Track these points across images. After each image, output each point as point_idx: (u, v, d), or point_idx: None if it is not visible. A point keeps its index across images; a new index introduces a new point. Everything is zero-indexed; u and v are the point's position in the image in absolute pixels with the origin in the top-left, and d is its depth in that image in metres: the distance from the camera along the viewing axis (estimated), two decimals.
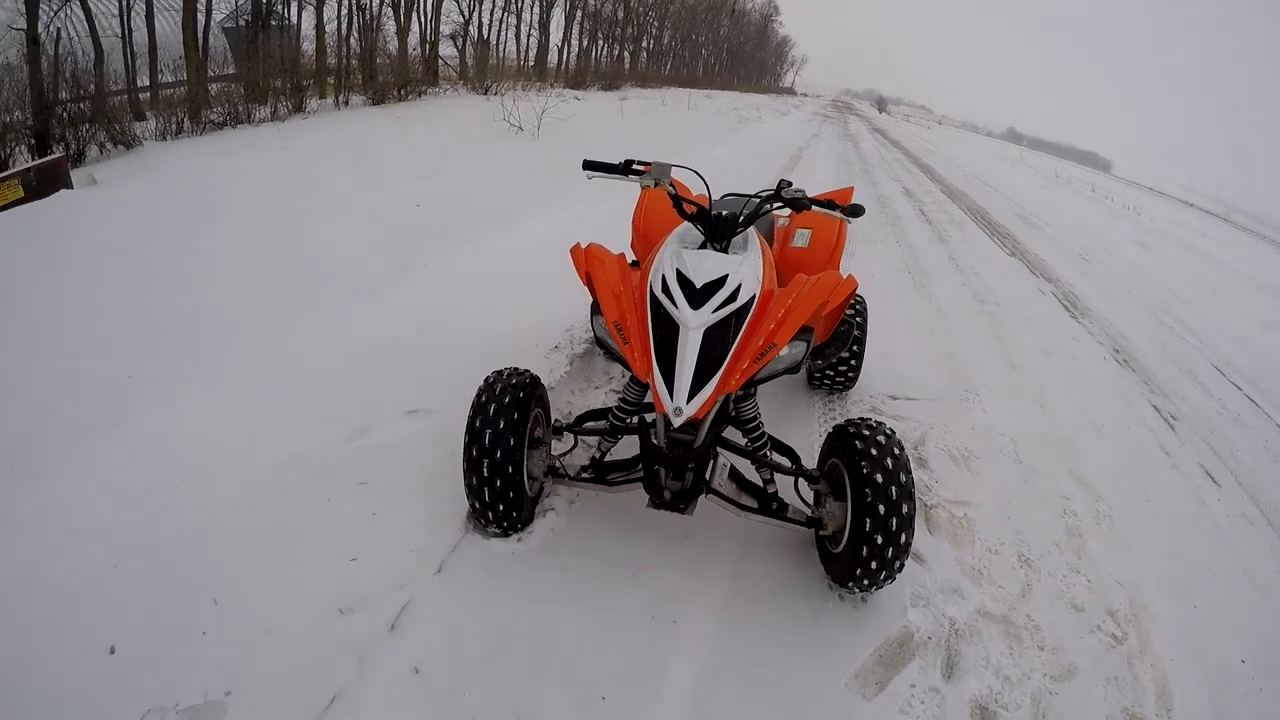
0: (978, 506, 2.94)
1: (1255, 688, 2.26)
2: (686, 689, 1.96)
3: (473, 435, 2.24)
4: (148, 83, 17.61)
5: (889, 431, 2.19)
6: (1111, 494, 3.20)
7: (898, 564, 2.10)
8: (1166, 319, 6.31)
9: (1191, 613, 2.55)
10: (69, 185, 8.52)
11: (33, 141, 10.80)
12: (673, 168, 2.56)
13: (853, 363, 3.55)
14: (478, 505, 2.32)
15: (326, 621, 2.07)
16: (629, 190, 3.34)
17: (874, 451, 2.10)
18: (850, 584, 2.20)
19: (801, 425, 3.36)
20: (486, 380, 2.35)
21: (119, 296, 4.03)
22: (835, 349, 3.12)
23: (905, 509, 2.05)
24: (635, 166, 2.59)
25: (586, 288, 2.39)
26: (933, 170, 17.62)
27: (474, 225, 5.75)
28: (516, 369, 2.41)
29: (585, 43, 31.38)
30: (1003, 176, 19.70)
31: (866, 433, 2.17)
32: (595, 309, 2.33)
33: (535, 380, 2.41)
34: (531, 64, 28.28)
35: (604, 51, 33.24)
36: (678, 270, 2.13)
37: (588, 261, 2.38)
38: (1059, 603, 2.47)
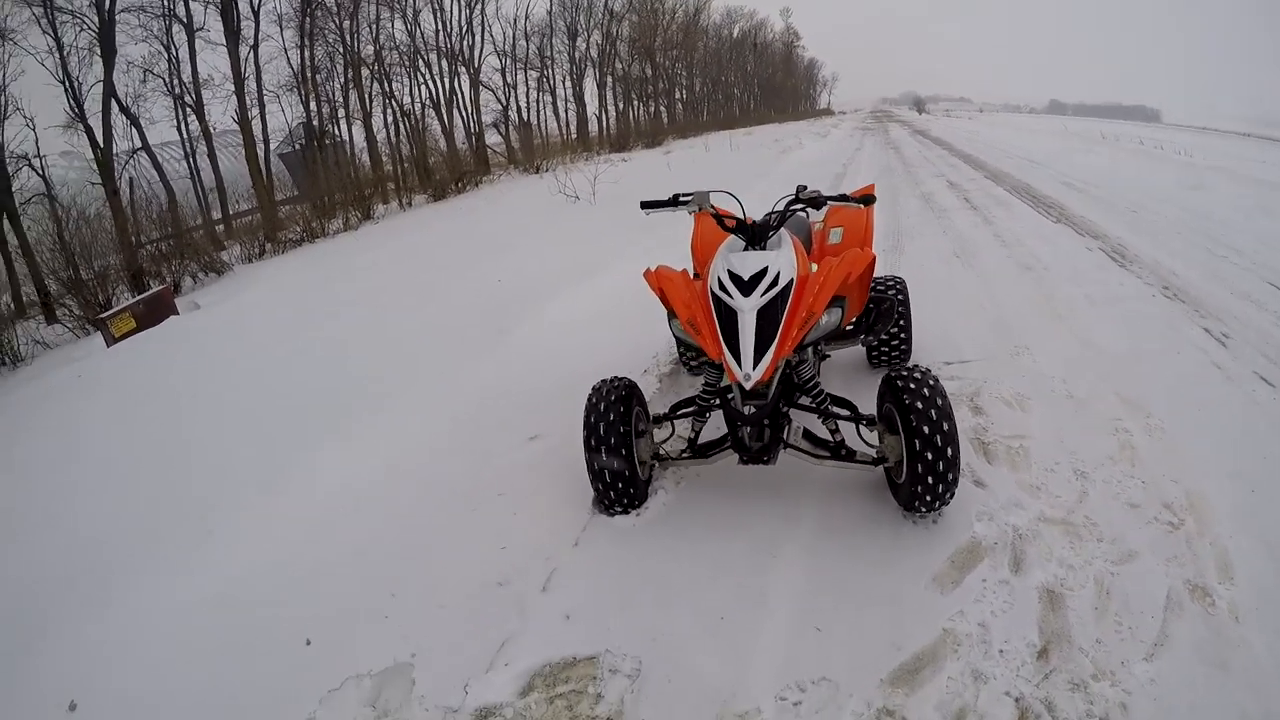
0: (1032, 437, 3.26)
1: None
2: (790, 603, 2.39)
3: (590, 429, 2.80)
4: (219, 215, 19.41)
5: (925, 369, 2.63)
6: (1162, 410, 3.42)
7: (951, 476, 2.49)
8: (1218, 250, 6.35)
9: (1249, 496, 2.74)
10: (175, 312, 9.54)
11: (130, 279, 12.13)
12: (711, 193, 3.11)
13: (902, 335, 3.97)
14: (600, 487, 2.86)
15: (489, 592, 2.63)
16: (685, 239, 3.90)
17: (913, 385, 2.54)
18: (917, 504, 2.60)
19: (872, 395, 3.75)
20: (594, 388, 2.92)
21: (266, 383, 4.94)
22: (883, 326, 3.53)
23: (946, 426, 2.46)
24: (682, 198, 3.15)
25: (660, 300, 2.93)
26: (974, 158, 17.68)
27: (554, 288, 6.41)
28: (616, 377, 2.97)
29: (621, 106, 32.81)
30: (1047, 149, 19.47)
31: (906, 373, 2.62)
32: (671, 315, 2.86)
33: (633, 384, 2.98)
34: (574, 136, 29.71)
35: (640, 111, 34.63)
36: (728, 270, 2.63)
37: (659, 279, 2.92)
38: (1115, 503, 2.76)
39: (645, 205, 3.30)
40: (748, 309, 2.51)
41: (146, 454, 4.17)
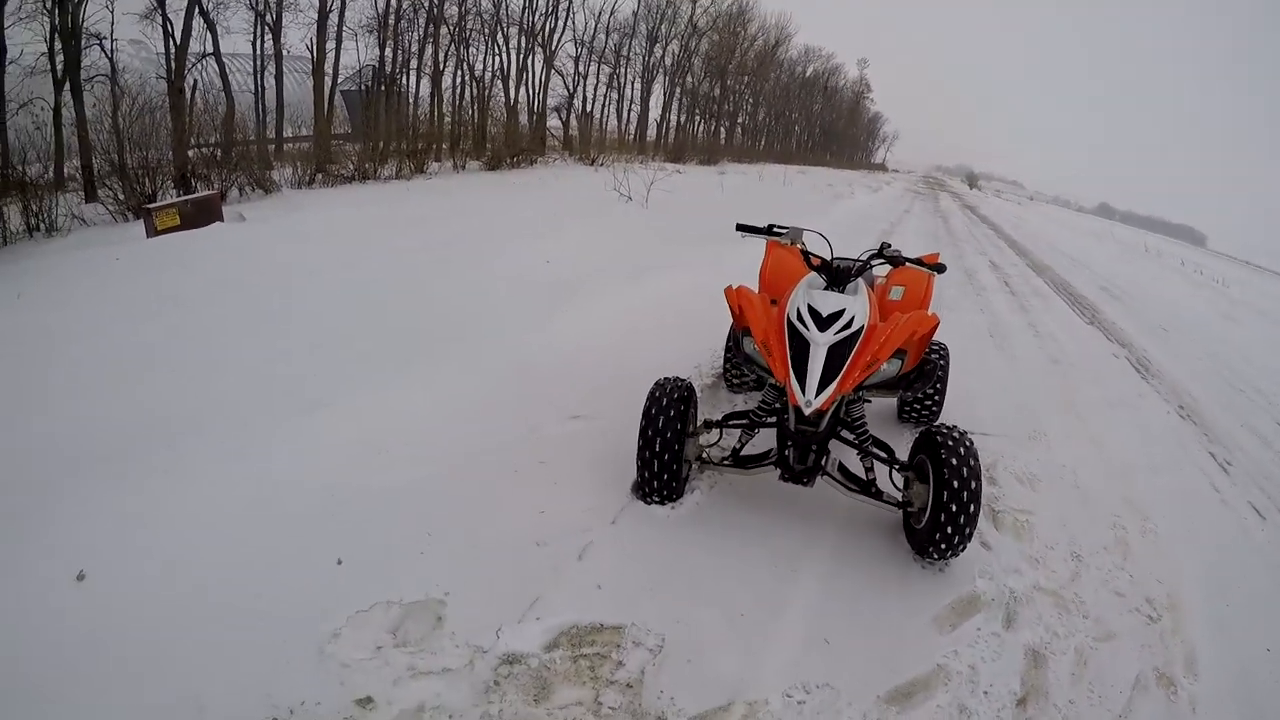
0: (1038, 515, 3.53)
1: None
2: (805, 614, 2.64)
3: (649, 420, 3.03)
4: (273, 135, 19.54)
5: (962, 431, 2.89)
6: (1159, 517, 3.70)
7: (968, 530, 2.75)
8: (1238, 383, 6.61)
9: (1224, 609, 3.02)
10: (221, 219, 9.66)
11: (178, 178, 12.18)
12: (804, 231, 3.39)
13: (936, 398, 4.23)
14: (646, 474, 3.09)
15: (526, 549, 2.84)
16: (730, 260, 4.13)
17: (951, 443, 2.80)
18: (930, 551, 2.85)
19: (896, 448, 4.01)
20: (657, 383, 3.15)
21: (314, 307, 5.19)
22: (922, 385, 3.78)
23: (974, 485, 2.72)
24: (776, 229, 3.45)
25: (734, 316, 3.21)
26: (1019, 245, 18.02)
27: (601, 280, 6.64)
28: (679, 377, 3.21)
29: (684, 119, 33.12)
30: (1090, 251, 19.83)
31: (945, 430, 2.89)
32: (745, 333, 3.13)
33: (691, 387, 3.22)
34: (632, 138, 30.01)
35: (701, 127, 34.96)
36: (809, 305, 2.88)
37: (739, 298, 3.19)
38: (1103, 588, 3.03)
39: (741, 227, 3.59)
40: (821, 343, 2.76)
41: (189, 346, 4.33)
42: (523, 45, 24.46)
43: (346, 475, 3.17)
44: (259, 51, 19.66)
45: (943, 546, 2.80)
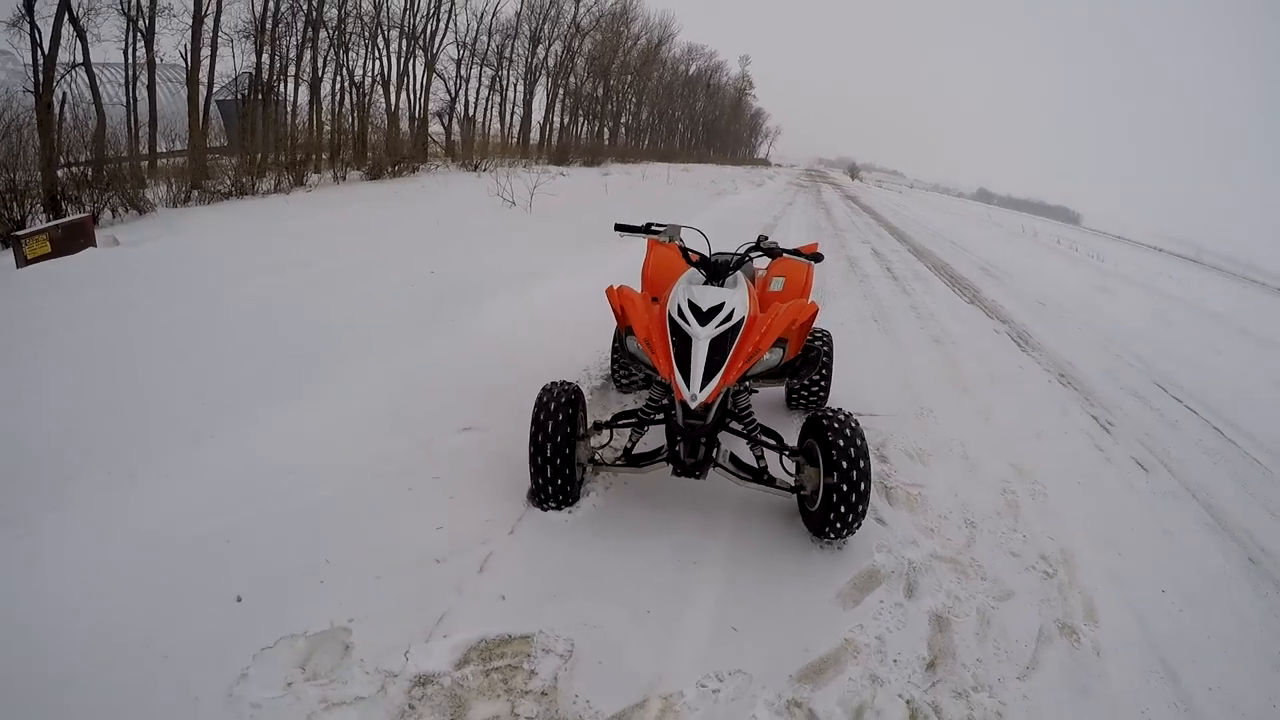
0: (930, 487, 3.65)
1: (1175, 609, 2.90)
2: (710, 605, 2.61)
3: (538, 426, 2.96)
4: (146, 150, 18.31)
5: (847, 413, 2.94)
6: (1047, 479, 3.89)
7: (861, 509, 2.80)
8: (1114, 349, 7.09)
9: (1116, 559, 3.22)
10: (94, 244, 9.06)
11: (47, 201, 11.28)
12: (681, 228, 3.39)
13: (822, 384, 4.31)
14: (540, 481, 3.01)
15: (426, 568, 2.71)
16: (614, 262, 4.09)
17: (836, 425, 2.85)
18: (827, 531, 2.89)
19: (786, 435, 4.05)
20: (545, 388, 3.08)
21: (192, 335, 4.84)
22: (807, 371, 3.85)
23: (862, 464, 2.77)
24: (654, 227, 3.48)
25: (616, 316, 3.19)
26: (900, 231, 18.80)
27: (484, 290, 6.46)
28: (566, 381, 3.15)
29: (567, 120, 33.05)
30: (969, 234, 20.95)
31: (831, 414, 2.93)
32: (628, 332, 3.10)
33: (579, 390, 3.16)
34: (515, 141, 29.72)
35: (584, 128, 34.99)
36: (689, 300, 2.89)
37: (620, 298, 3.16)
38: (999, 550, 3.15)
39: (620, 227, 3.56)
40: (702, 337, 2.77)
41: (62, 381, 4.00)
42: (404, 49, 23.79)
43: (238, 508, 2.98)
44: (131, 60, 18.37)
45: (838, 526, 2.84)
